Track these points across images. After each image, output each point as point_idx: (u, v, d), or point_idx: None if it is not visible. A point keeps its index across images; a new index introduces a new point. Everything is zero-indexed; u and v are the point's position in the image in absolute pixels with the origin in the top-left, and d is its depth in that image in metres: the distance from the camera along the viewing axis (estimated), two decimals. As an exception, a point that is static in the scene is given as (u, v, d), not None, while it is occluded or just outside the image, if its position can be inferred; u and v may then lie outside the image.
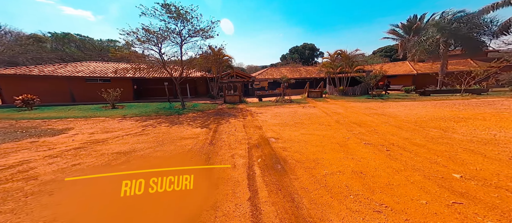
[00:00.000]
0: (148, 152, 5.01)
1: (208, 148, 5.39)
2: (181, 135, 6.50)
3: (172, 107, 13.23)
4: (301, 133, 6.37)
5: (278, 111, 11.15)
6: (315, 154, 4.54)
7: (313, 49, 57.60)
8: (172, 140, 6.04)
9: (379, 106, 11.25)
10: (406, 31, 29.15)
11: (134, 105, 13.81)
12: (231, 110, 12.17)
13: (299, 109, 11.35)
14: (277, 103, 14.51)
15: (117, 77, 15.59)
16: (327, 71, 18.53)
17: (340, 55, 17.08)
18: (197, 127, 7.72)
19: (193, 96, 21.61)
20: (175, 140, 6.06)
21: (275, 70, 26.93)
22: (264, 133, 6.65)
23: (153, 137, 6.29)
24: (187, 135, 6.57)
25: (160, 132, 6.84)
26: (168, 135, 6.53)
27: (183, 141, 5.96)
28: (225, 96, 15.43)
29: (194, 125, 7.98)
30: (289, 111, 10.98)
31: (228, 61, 19.86)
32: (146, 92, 19.28)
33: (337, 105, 12.29)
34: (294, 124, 7.62)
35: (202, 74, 20.42)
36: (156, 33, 11.34)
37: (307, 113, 10.01)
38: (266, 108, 12.55)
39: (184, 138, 6.21)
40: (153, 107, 13.31)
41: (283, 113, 10.22)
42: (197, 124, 8.14)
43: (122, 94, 16.28)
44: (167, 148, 5.34)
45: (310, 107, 12.00)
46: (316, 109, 11.08)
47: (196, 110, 12.20)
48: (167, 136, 6.43)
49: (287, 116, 9.31)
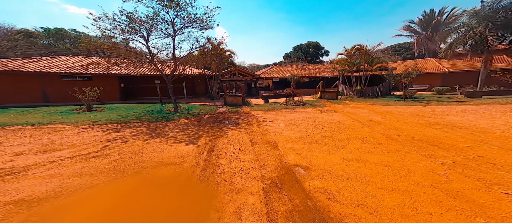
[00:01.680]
0: (81, 198, 2.80)
1: (197, 187, 3.19)
2: (159, 158, 4.28)
3: (162, 110, 11.02)
4: (342, 158, 4.12)
5: (291, 117, 8.90)
6: (409, 220, 2.29)
7: (318, 47, 55.31)
8: (141, 168, 3.82)
9: (427, 111, 8.82)
10: (423, 27, 26.79)
11: (118, 107, 11.61)
12: (233, 115, 9.94)
13: (318, 115, 9.09)
14: (287, 105, 12.26)
15: (100, 74, 13.41)
16: (342, 69, 16.23)
17: (359, 51, 14.80)
18: (186, 142, 5.49)
19: (190, 96, 19.39)
20: (145, 168, 3.84)
21: (281, 68, 24.66)
22: (283, 155, 4.42)
23: (113, 161, 4.08)
24: (168, 157, 4.34)
25: (128, 152, 4.61)
26: (138, 157, 4.31)
27: (158, 170, 3.74)
28: (226, 97, 13.21)
29: (182, 139, 5.75)
30: (305, 117, 8.72)
31: (229, 57, 17.63)
32: (136, 92, 17.09)
33: (365, 110, 9.97)
34: (323, 140, 5.37)
35: (200, 71, 18.19)
36: (142, 22, 9.13)
37: (331, 120, 7.75)
38: (275, 112, 10.31)
39: (162, 164, 3.99)
40: (139, 109, 11.11)
41: (299, 120, 7.98)
42: (187, 137, 5.92)
43: (107, 94, 14.10)
44: (125, 186, 3.13)
45: (330, 112, 9.73)
46: (340, 115, 8.81)
47: (191, 114, 9.99)
48: (136, 159, 4.21)
49: (306, 125, 7.06)
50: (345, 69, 16.13)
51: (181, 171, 3.78)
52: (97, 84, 13.65)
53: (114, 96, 14.33)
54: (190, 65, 15.50)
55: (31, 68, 11.73)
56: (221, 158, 4.36)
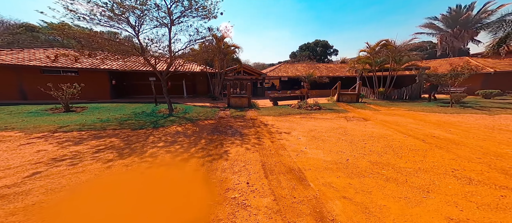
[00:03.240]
0: None
1: None
2: (106, 205, 2.47)
3: (154, 112, 9.30)
4: (448, 219, 2.22)
5: (311, 125, 7.01)
6: None
7: (326, 46, 53.09)
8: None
9: (502, 123, 6.64)
10: (449, 24, 24.34)
11: (104, 107, 9.96)
12: (238, 120, 8.12)
13: (346, 124, 7.16)
14: (301, 110, 10.36)
15: (88, 69, 11.81)
16: (362, 69, 14.17)
17: (386, 47, 12.71)
18: (167, 166, 3.70)
19: (191, 96, 17.70)
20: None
21: (289, 67, 22.72)
22: (321, 201, 2.59)
23: (20, 210, 2.28)
24: (125, 200, 2.53)
25: (64, 187, 2.82)
26: (70, 201, 2.51)
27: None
28: (229, 98, 11.41)
29: (164, 160, 3.96)
30: (330, 126, 6.82)
31: (234, 52, 15.83)
32: (131, 89, 15.49)
33: (406, 118, 7.84)
34: (378, 170, 3.46)
35: (201, 68, 16.47)
36: (129, 7, 7.43)
37: (369, 133, 5.81)
38: (288, 118, 8.44)
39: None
40: (127, 111, 9.41)
41: (323, 132, 6.08)
42: (172, 157, 4.12)
43: (96, 91, 12.51)
44: None
45: (360, 120, 7.77)
46: (378, 125, 6.84)
47: (187, 119, 8.22)
48: (64, 206, 2.41)
49: (337, 141, 5.17)
50: (366, 68, 14.08)
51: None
52: (84, 80, 12.07)
53: (104, 94, 12.73)
54: (189, 60, 13.78)
55: (5, 60, 10.20)
56: (219, 205, 2.54)
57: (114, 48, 8.13)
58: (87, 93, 12.24)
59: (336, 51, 53.19)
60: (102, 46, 7.96)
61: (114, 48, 8.09)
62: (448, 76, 10.29)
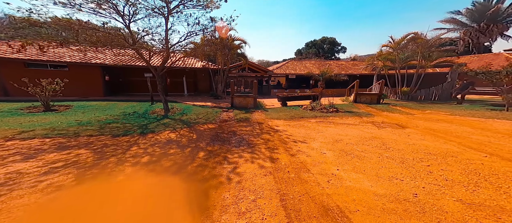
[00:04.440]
0: None
1: None
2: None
3: (147, 113, 8.11)
4: None
5: (333, 133, 5.67)
6: None
7: (333, 44, 51.15)
8: None
9: None
10: (474, 18, 22.37)
11: (91, 105, 8.83)
12: (243, 125, 6.83)
13: (378, 132, 5.77)
14: (315, 112, 9.00)
15: (78, 63, 10.69)
16: (383, 65, 12.61)
17: (415, 41, 11.09)
18: (142, 203, 2.44)
19: (191, 94, 16.50)
20: None
21: (297, 64, 21.25)
22: None
23: None
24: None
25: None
26: None
27: None
28: (233, 98, 10.12)
29: (140, 189, 2.71)
30: (359, 135, 5.46)
31: (239, 47, 14.51)
32: (127, 86, 14.34)
33: (461, 126, 6.10)
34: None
35: (203, 64, 15.21)
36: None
37: (423, 148, 4.41)
38: (302, 123, 7.11)
39: None
40: (116, 111, 8.25)
41: (354, 144, 4.74)
42: (155, 184, 2.88)
43: (87, 88, 11.41)
44: None
45: (395, 128, 6.35)
46: (424, 135, 5.43)
47: (183, 122, 6.99)
48: None
49: (379, 158, 3.82)
50: (387, 66, 12.54)
51: None
52: (74, 75, 11.00)
53: (97, 91, 11.61)
54: (189, 55, 12.54)
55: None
56: None
57: (99, 39, 6.91)
58: (78, 89, 11.17)
59: (344, 49, 51.19)
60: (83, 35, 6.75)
61: (97, 39, 6.86)
62: (504, 74, 8.59)
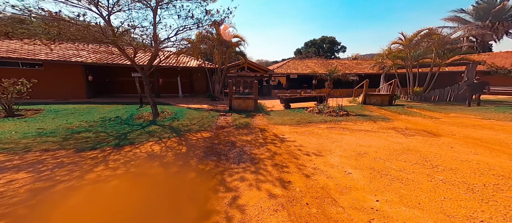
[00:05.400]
0: None
1: None
2: None
3: (131, 118, 7.02)
4: None
5: (352, 143, 4.65)
6: None
7: (333, 43, 50.49)
8: None
9: None
10: (479, 16, 21.66)
11: (67, 109, 7.70)
12: (243, 132, 5.78)
13: (407, 142, 4.77)
14: (323, 115, 8.01)
15: (57, 62, 9.52)
16: (393, 64, 11.68)
17: (430, 37, 10.15)
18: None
19: (187, 95, 15.40)
20: None
21: (299, 63, 20.26)
22: None
23: None
24: None
25: None
26: None
27: None
28: (231, 100, 9.07)
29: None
30: (385, 147, 4.44)
31: (238, 45, 13.44)
32: (115, 87, 13.18)
33: (499, 133, 5.36)
34: None
35: (199, 63, 14.13)
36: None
37: (488, 167, 3.40)
38: (311, 129, 6.10)
39: None
40: (96, 116, 7.13)
41: (385, 160, 3.72)
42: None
43: (68, 89, 10.24)
44: None
45: (425, 135, 5.36)
46: (474, 147, 4.44)
47: (173, 129, 5.92)
48: None
49: (431, 183, 2.80)
50: (397, 64, 11.61)
51: None
52: (51, 75, 9.82)
53: (78, 92, 10.42)
54: (182, 53, 11.43)
55: None
56: None
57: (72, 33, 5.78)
58: (56, 91, 9.99)
59: (344, 48, 50.49)
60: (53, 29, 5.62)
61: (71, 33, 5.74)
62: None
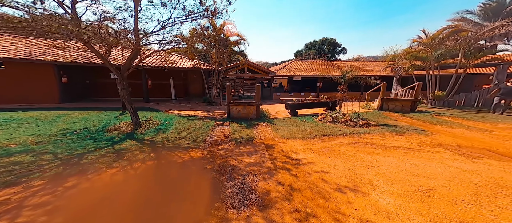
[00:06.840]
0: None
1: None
2: None
3: (103, 130, 5.60)
4: None
5: (398, 170, 3.29)
6: None
7: (334, 45, 49.63)
8: None
9: None
10: (488, 17, 20.68)
11: (22, 118, 6.26)
12: (244, 151, 4.39)
13: (489, 172, 3.42)
14: (338, 125, 6.69)
15: (22, 60, 8.05)
16: (410, 66, 10.44)
17: (457, 34, 8.90)
18: None
19: (181, 98, 14.00)
20: None
21: (302, 64, 19.02)
22: None
23: None
24: None
25: None
26: None
27: None
28: (229, 106, 7.70)
29: None
30: (460, 179, 3.08)
31: (237, 44, 12.12)
32: (96, 90, 11.71)
33: None
34: None
35: (194, 64, 12.77)
36: None
37: None
38: (329, 145, 4.75)
39: None
40: (57, 127, 5.70)
41: (476, 205, 2.36)
42: None
43: (35, 92, 8.76)
44: None
45: (499, 160, 4.06)
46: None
47: (153, 145, 4.52)
48: None
49: None
50: (416, 65, 10.39)
51: None
52: (13, 75, 8.38)
53: (49, 96, 8.91)
54: (172, 51, 10.05)
55: None
56: None
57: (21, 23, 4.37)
58: (19, 94, 8.51)
59: (344, 50, 49.50)
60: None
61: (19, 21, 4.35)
62: None
